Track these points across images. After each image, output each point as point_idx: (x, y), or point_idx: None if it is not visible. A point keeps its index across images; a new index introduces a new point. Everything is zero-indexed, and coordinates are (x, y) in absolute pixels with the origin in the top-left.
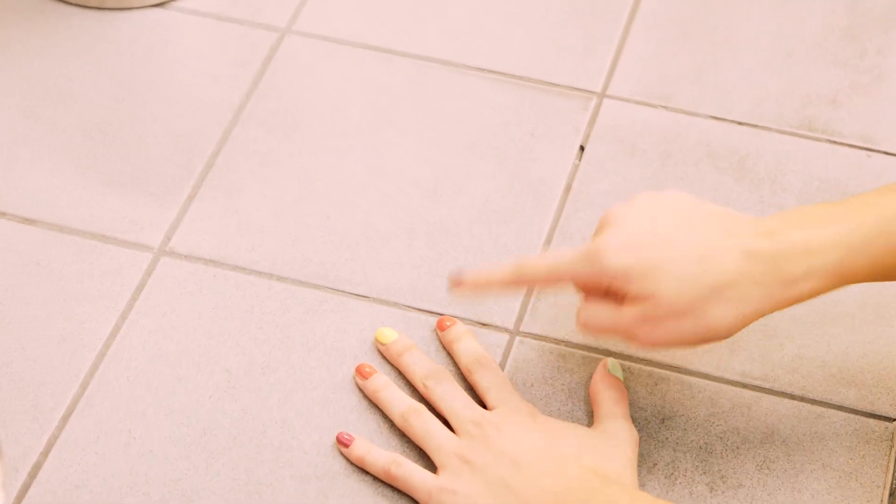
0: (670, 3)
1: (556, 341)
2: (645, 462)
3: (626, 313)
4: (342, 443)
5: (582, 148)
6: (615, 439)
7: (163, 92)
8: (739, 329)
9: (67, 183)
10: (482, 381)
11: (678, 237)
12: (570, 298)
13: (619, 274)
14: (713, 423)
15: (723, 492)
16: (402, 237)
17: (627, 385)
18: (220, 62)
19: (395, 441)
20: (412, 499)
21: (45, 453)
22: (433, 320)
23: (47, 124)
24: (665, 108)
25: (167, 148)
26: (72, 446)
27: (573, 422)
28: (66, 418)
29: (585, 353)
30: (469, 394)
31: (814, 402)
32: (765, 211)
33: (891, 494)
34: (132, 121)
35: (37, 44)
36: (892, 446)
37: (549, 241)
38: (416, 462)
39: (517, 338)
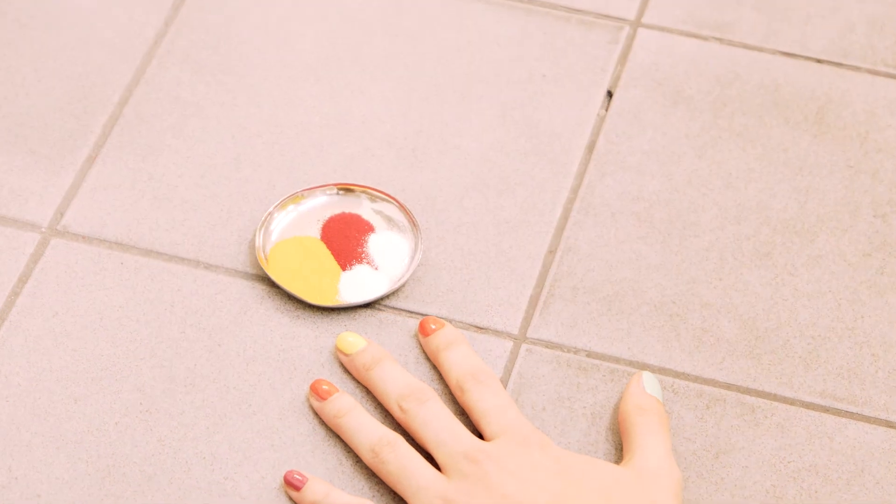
0: None
1: (575, 350)
2: None
3: None
4: (292, 485)
5: (610, 94)
6: (652, 480)
7: (53, 20)
8: None
9: None
10: (478, 403)
11: None
12: (592, 296)
13: None
14: (784, 458)
15: None
16: None
17: (669, 408)
18: None
19: (361, 482)
20: None
21: None
22: (414, 322)
23: None
24: (719, 40)
25: (59, 94)
26: None
27: (597, 456)
28: None
29: (613, 365)
30: (461, 419)
31: None
32: (854, 179)
33: None
34: (13, 59)
35: None
36: None
37: (566, 215)
38: None
39: (524, 345)
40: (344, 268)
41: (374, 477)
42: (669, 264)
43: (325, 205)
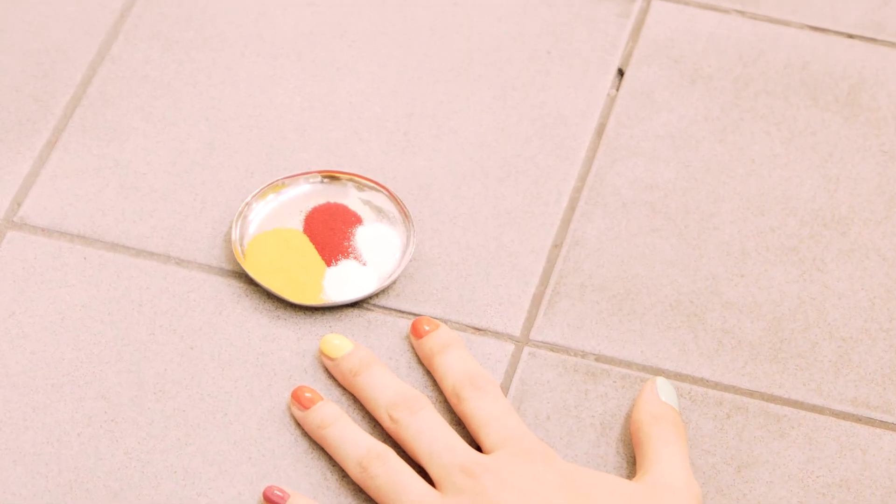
0: None
1: (583, 353)
2: None
3: None
4: (272, 501)
5: (621, 72)
6: (668, 495)
7: None
8: None
9: None
10: (476, 411)
11: None
12: (602, 294)
13: None
14: (812, 472)
15: None
16: None
17: (686, 417)
18: None
19: (348, 498)
20: None
21: None
22: (405, 323)
23: None
24: (741, 13)
25: (15, 72)
26: None
27: (607, 470)
28: None
29: (625, 370)
30: (457, 429)
31: None
32: (889, 165)
33: None
34: None
35: None
36: None
37: (573, 205)
38: None
39: (527, 349)
40: (329, 263)
41: (361, 493)
42: (686, 259)
43: (308, 194)
